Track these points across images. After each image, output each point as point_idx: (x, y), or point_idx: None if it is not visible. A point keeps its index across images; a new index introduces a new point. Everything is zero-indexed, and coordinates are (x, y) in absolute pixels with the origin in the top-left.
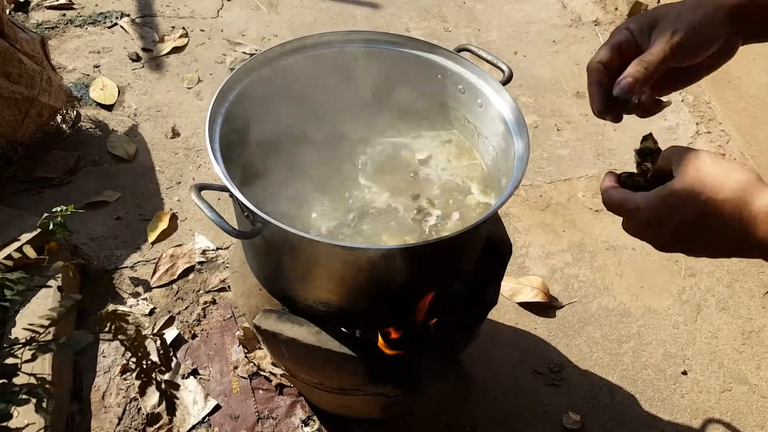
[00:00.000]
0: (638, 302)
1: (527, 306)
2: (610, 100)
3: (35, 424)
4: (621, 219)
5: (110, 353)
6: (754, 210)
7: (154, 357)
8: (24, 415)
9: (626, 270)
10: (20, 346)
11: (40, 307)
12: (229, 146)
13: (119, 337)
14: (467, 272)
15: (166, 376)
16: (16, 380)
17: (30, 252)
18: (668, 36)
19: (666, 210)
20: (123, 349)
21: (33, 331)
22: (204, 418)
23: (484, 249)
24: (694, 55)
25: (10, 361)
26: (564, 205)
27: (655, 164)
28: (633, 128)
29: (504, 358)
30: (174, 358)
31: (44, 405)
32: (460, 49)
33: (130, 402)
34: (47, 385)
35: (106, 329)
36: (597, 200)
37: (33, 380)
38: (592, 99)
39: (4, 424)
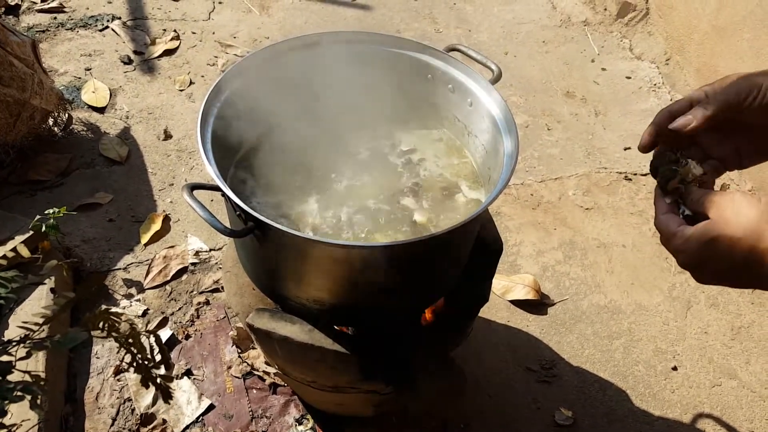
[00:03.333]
0: (629, 299)
1: (519, 304)
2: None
3: (28, 421)
4: (615, 216)
5: (103, 354)
6: None
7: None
8: (17, 414)
9: (617, 267)
10: (15, 343)
11: (33, 309)
12: (220, 146)
13: (113, 334)
14: (459, 269)
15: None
16: (11, 378)
17: (24, 251)
18: (732, 89)
19: (706, 255)
20: (116, 350)
21: (27, 328)
22: (198, 417)
23: (476, 247)
24: (756, 110)
25: (4, 358)
26: (555, 203)
27: (686, 197)
28: (622, 127)
29: (496, 355)
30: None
31: (38, 402)
32: (449, 49)
33: (124, 403)
34: (41, 382)
35: (100, 328)
36: (587, 198)
37: (28, 378)
38: (644, 134)
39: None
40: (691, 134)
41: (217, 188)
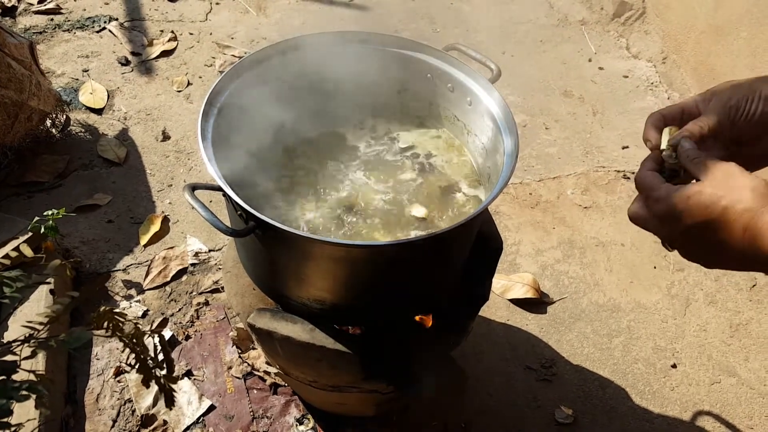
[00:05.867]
0: (628, 297)
1: (518, 302)
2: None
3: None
4: (613, 214)
5: (104, 356)
6: (760, 223)
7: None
8: (18, 414)
9: (616, 266)
10: (20, 343)
11: (33, 309)
12: (220, 146)
13: (117, 334)
14: (459, 268)
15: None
16: (15, 377)
17: (27, 251)
18: (724, 101)
19: (683, 208)
20: (116, 351)
21: (32, 328)
22: (198, 418)
23: (476, 246)
24: (749, 122)
25: (9, 358)
26: (553, 202)
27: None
28: (620, 126)
29: (496, 354)
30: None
31: (44, 400)
32: (448, 48)
33: (125, 404)
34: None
35: (105, 327)
36: (586, 197)
37: (32, 377)
38: (649, 132)
39: (5, 419)
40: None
41: (217, 188)
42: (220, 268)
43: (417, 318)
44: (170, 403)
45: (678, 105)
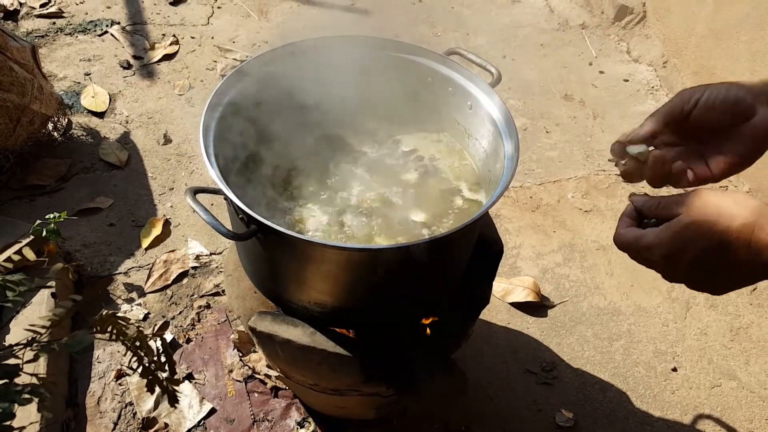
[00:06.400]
0: (628, 301)
1: (519, 306)
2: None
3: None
4: (614, 218)
5: (105, 359)
6: (762, 235)
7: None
8: (20, 417)
9: (616, 269)
10: (22, 346)
11: (34, 314)
12: (222, 149)
13: (121, 338)
14: (460, 272)
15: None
16: (17, 381)
17: (30, 254)
18: (674, 100)
19: (680, 244)
20: (118, 355)
21: (35, 331)
22: (199, 421)
23: (476, 249)
24: (716, 114)
25: (12, 361)
26: (554, 206)
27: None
28: (620, 130)
29: (497, 357)
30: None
31: (45, 403)
32: (449, 53)
33: (126, 407)
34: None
35: (108, 331)
36: (586, 201)
37: (35, 380)
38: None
39: (7, 423)
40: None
41: (219, 192)
42: (221, 272)
43: (417, 321)
44: (174, 400)
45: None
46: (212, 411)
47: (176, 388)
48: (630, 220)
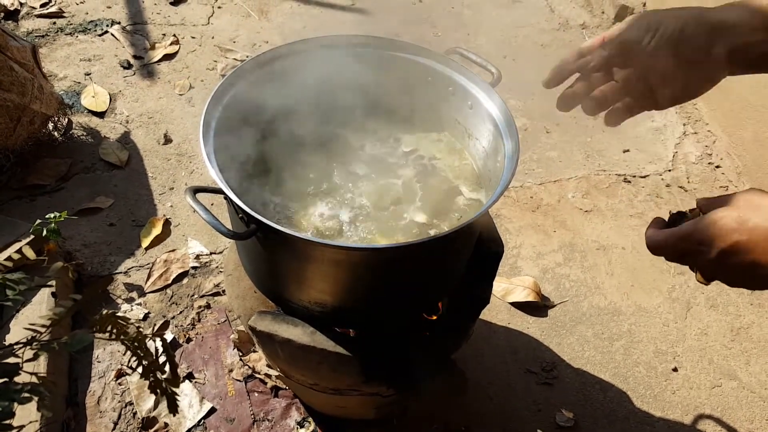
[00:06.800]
0: (629, 301)
1: (519, 306)
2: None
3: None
4: (614, 218)
5: (105, 358)
6: None
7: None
8: (19, 416)
9: (617, 269)
10: (22, 345)
11: (34, 314)
12: (221, 148)
13: (121, 338)
14: (460, 271)
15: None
16: (17, 379)
17: (30, 253)
18: (630, 31)
19: (712, 233)
20: (118, 354)
21: (35, 330)
22: (199, 421)
23: (477, 249)
24: (654, 51)
25: (11, 360)
26: (554, 206)
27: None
28: (621, 131)
29: (497, 357)
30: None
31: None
32: (449, 52)
33: (126, 406)
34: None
35: (108, 331)
36: (587, 201)
37: (34, 379)
38: (550, 71)
39: (7, 422)
40: (596, 72)
41: (219, 191)
42: (221, 271)
43: (417, 321)
44: (173, 409)
45: (598, 37)
46: (212, 410)
47: (176, 390)
48: (658, 225)
